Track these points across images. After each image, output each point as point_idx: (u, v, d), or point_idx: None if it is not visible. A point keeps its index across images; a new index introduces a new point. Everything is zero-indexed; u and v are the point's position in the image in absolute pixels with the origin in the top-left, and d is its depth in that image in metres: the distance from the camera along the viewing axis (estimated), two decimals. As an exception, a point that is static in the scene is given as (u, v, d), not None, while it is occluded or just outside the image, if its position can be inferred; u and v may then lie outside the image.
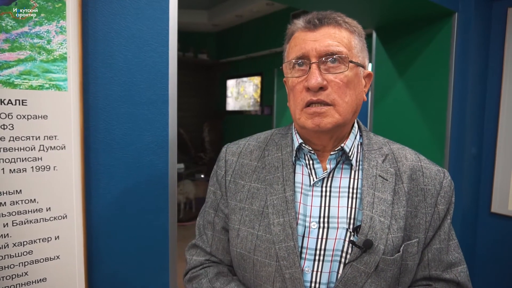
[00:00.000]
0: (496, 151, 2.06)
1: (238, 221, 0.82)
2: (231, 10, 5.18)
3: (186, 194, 4.95)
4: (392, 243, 0.74)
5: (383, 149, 0.83)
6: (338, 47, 0.73)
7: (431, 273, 0.80)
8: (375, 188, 0.77)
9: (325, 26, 0.75)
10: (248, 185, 0.83)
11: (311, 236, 0.76)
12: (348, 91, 0.74)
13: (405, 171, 0.80)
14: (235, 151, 0.89)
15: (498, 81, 2.04)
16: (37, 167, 0.88)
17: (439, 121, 2.01)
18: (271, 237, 0.76)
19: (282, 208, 0.77)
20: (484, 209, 2.12)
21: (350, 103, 0.75)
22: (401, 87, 2.19)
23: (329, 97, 0.73)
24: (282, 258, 0.74)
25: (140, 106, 1.05)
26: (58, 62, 0.89)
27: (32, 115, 0.86)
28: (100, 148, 0.99)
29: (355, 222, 0.76)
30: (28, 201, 0.87)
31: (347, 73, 0.74)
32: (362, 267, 0.72)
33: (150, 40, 1.05)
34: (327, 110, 0.73)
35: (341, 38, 0.74)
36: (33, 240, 0.88)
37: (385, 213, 0.75)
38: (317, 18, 0.76)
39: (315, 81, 0.72)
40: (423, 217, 0.78)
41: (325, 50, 0.73)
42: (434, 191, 0.79)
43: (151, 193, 1.09)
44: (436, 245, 0.80)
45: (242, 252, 0.80)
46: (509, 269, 2.03)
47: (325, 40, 0.74)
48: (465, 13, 1.92)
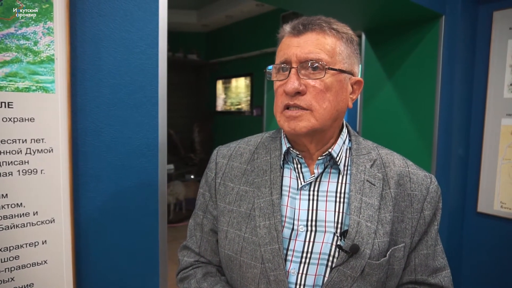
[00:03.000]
0: (482, 152, 2.10)
1: (227, 223, 0.83)
2: (221, 10, 5.17)
3: (176, 195, 4.92)
4: (378, 248, 0.75)
5: (371, 154, 0.83)
6: (319, 54, 0.73)
7: (417, 277, 0.82)
8: (362, 193, 0.78)
9: (309, 32, 0.75)
10: (237, 187, 0.84)
11: (298, 239, 0.77)
12: (327, 97, 0.74)
13: (393, 177, 0.81)
14: (225, 154, 0.90)
15: (484, 82, 2.07)
16: (24, 171, 0.86)
17: (427, 122, 2.04)
18: (257, 240, 0.77)
19: (268, 211, 0.78)
20: (470, 208, 2.16)
21: (329, 109, 0.75)
22: (390, 88, 2.21)
23: (305, 102, 0.74)
24: (267, 260, 0.76)
25: (129, 109, 1.04)
26: (45, 63, 0.87)
27: (18, 118, 0.85)
28: (88, 151, 0.98)
29: (342, 226, 0.77)
30: (15, 205, 0.85)
31: (327, 79, 0.74)
32: (348, 271, 0.73)
33: (139, 42, 1.04)
34: (302, 114, 0.74)
35: (323, 45, 0.74)
36: (19, 245, 0.87)
37: (372, 218, 0.76)
38: (302, 24, 0.76)
39: (291, 85, 0.73)
40: (409, 222, 0.79)
41: (305, 57, 0.74)
42: (421, 196, 0.80)
43: (141, 196, 1.08)
44: (423, 251, 0.82)
45: (230, 253, 0.81)
46: (495, 267, 2.07)
47: (307, 47, 0.74)
48: (452, 16, 1.95)
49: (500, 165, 2.03)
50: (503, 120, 2.01)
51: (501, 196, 2.03)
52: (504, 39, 1.98)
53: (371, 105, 2.33)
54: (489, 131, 2.07)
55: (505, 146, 2.01)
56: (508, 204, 2.00)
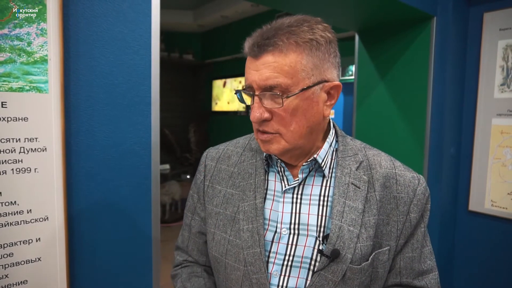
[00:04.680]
0: (473, 152, 2.12)
1: (214, 225, 0.84)
2: (216, 10, 5.19)
3: (172, 195, 4.93)
4: (360, 252, 0.74)
5: (358, 156, 0.81)
6: (277, 78, 0.69)
7: (402, 280, 0.82)
8: (346, 196, 0.76)
9: (265, 54, 0.70)
10: (224, 190, 0.85)
11: (281, 242, 0.77)
12: (294, 120, 0.72)
13: (378, 179, 0.79)
14: (214, 156, 0.91)
15: (475, 83, 2.10)
16: (18, 169, 0.87)
17: (419, 122, 2.07)
18: (240, 243, 0.78)
19: (251, 215, 0.79)
20: (462, 207, 2.19)
21: (297, 130, 0.73)
22: (383, 88, 2.24)
23: (272, 127, 0.73)
24: (249, 264, 0.77)
25: (122, 108, 1.05)
26: (38, 64, 0.89)
27: (12, 117, 0.86)
28: (81, 150, 0.99)
29: (325, 230, 0.76)
30: (9, 203, 0.87)
31: (291, 102, 0.70)
32: (330, 275, 0.73)
33: (132, 43, 1.05)
34: (272, 138, 0.74)
35: (281, 67, 0.69)
36: (13, 243, 0.88)
37: (355, 222, 0.75)
38: (257, 45, 0.70)
39: (256, 115, 0.72)
40: (395, 225, 0.78)
41: (264, 84, 0.70)
42: (407, 198, 0.79)
43: (134, 194, 1.10)
44: (409, 254, 0.81)
45: (216, 255, 0.83)
46: (486, 265, 2.10)
47: (264, 72, 0.70)
48: (443, 18, 1.98)
49: (491, 164, 2.06)
50: (493, 120, 2.04)
51: (492, 194, 2.06)
52: (495, 40, 2.01)
53: (365, 104, 2.35)
54: (480, 130, 2.09)
55: (495, 145, 2.04)
56: (499, 203, 2.03)
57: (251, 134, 0.90)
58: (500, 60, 2.00)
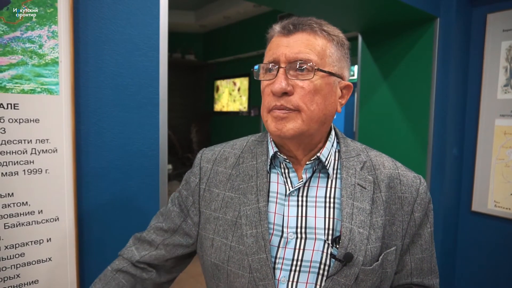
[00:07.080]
0: (477, 152, 2.13)
1: (213, 230, 0.80)
2: (219, 11, 5.19)
3: (174, 195, 4.93)
4: (370, 254, 0.73)
5: (361, 156, 0.81)
6: (308, 54, 0.71)
7: (413, 280, 0.83)
8: (354, 197, 0.76)
9: (299, 32, 0.73)
10: (222, 193, 0.82)
11: (288, 247, 0.75)
12: (315, 99, 0.72)
13: (383, 180, 0.79)
14: (210, 158, 0.87)
15: (478, 84, 2.11)
16: (29, 170, 0.88)
17: (422, 123, 2.07)
18: (244, 249, 0.75)
19: (255, 219, 0.76)
20: (465, 208, 2.20)
21: (317, 111, 0.72)
22: (386, 89, 2.24)
23: (292, 102, 0.71)
24: (255, 270, 0.74)
25: (131, 110, 1.06)
26: (50, 66, 0.90)
27: (24, 119, 0.87)
28: (91, 151, 1.00)
29: (333, 232, 0.75)
30: (20, 204, 0.88)
31: (316, 81, 0.72)
32: (342, 279, 0.72)
33: (140, 45, 1.06)
34: (289, 115, 0.72)
35: (313, 46, 0.72)
36: (25, 243, 0.89)
37: (364, 224, 0.74)
38: (292, 24, 0.74)
39: (278, 85, 0.70)
40: (400, 224, 0.78)
41: (294, 57, 0.71)
42: (411, 198, 0.79)
43: (142, 195, 1.11)
44: (419, 255, 0.81)
45: (217, 262, 0.78)
46: (488, 265, 2.11)
47: (297, 47, 0.72)
48: (446, 19, 1.98)
49: (494, 165, 2.06)
50: (496, 121, 2.05)
51: (495, 195, 2.07)
52: (498, 41, 2.02)
53: (368, 105, 2.36)
54: (483, 131, 2.10)
55: (498, 146, 2.05)
56: (502, 203, 2.04)
57: (248, 136, 0.89)
58: (503, 61, 2.01)
